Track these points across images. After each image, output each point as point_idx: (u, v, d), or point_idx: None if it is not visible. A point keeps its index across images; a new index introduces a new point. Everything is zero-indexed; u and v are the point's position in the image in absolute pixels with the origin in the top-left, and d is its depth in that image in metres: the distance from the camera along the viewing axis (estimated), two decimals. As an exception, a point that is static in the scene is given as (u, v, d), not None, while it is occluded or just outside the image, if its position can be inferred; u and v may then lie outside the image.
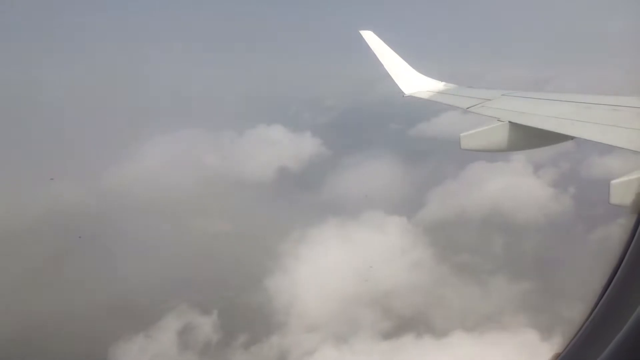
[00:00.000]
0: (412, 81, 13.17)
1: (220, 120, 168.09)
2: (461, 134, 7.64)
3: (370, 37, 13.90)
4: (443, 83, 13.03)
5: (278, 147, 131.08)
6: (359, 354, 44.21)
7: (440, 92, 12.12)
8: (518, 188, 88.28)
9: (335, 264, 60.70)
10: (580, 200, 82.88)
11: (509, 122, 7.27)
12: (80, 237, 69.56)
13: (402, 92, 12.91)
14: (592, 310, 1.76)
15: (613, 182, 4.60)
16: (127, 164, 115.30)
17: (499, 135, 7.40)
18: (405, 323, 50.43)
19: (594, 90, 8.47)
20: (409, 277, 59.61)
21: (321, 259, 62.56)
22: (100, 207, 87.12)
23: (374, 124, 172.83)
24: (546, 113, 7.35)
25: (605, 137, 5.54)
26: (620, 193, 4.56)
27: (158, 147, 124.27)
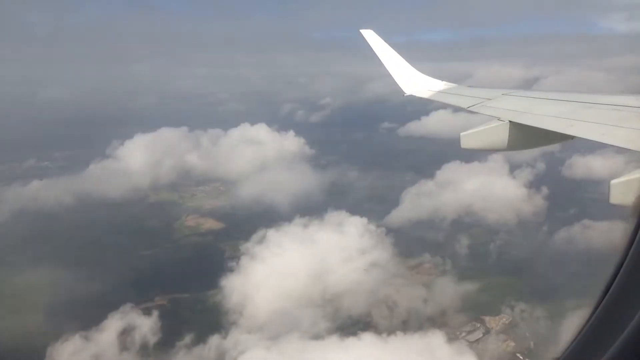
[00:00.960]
0: (413, 80, 13.21)
1: (205, 119, 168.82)
2: (461, 133, 7.69)
3: (370, 36, 13.98)
4: (443, 82, 13.09)
5: (260, 146, 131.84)
6: (291, 354, 44.73)
7: (441, 92, 12.16)
8: (492, 188, 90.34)
9: (293, 264, 61.61)
10: (553, 201, 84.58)
11: (510, 121, 7.27)
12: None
13: (403, 91, 12.90)
14: (593, 312, 1.74)
15: (613, 181, 4.56)
16: (108, 162, 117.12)
17: (499, 135, 7.44)
18: (346, 323, 52.18)
19: (579, 89, 8.54)
20: (363, 277, 60.88)
21: (279, 259, 63.23)
22: (70, 206, 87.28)
23: (363, 123, 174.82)
24: (547, 112, 7.39)
25: (606, 136, 5.57)
26: (620, 193, 4.51)
27: (138, 145, 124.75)
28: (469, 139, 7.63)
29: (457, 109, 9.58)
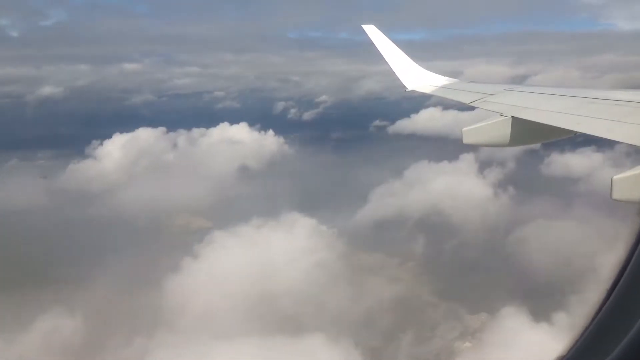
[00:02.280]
0: (415, 76, 13.26)
1: (198, 118, 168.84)
2: (463, 129, 7.75)
3: (372, 32, 14.01)
4: (445, 78, 13.19)
5: (239, 146, 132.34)
6: (210, 354, 45.19)
7: (443, 87, 12.24)
8: (457, 188, 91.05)
9: (235, 266, 62.51)
10: (518, 200, 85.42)
11: (512, 117, 7.28)
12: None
13: (405, 86, 12.92)
14: (597, 312, 1.75)
15: (615, 177, 4.67)
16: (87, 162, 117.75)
17: (501, 130, 7.47)
18: (276, 324, 52.34)
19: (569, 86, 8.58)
20: (305, 278, 61.78)
21: (222, 260, 64.10)
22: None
23: (355, 121, 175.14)
24: (549, 108, 7.41)
25: (608, 132, 5.59)
26: (622, 189, 4.62)
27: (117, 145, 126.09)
28: (471, 135, 7.67)
29: (446, 107, 9.64)
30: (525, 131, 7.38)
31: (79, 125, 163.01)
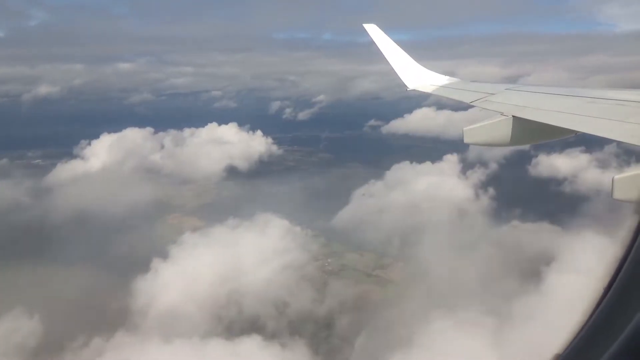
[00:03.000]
0: (416, 75, 13.30)
1: (174, 120, 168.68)
2: (464, 128, 7.80)
3: (373, 31, 14.06)
4: (447, 77, 13.25)
5: (226, 146, 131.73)
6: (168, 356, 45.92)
7: (444, 86, 12.31)
8: (438, 189, 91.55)
9: (208, 266, 63.42)
10: (498, 202, 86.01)
11: (513, 116, 7.32)
12: None
13: (406, 85, 12.96)
14: (594, 310, 1.78)
15: (616, 177, 4.67)
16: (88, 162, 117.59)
17: (503, 130, 7.51)
18: (239, 326, 53.82)
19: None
20: (271, 279, 62.72)
21: (196, 260, 64.78)
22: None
23: (350, 121, 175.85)
24: (550, 107, 7.47)
25: (610, 132, 5.62)
26: (623, 188, 4.59)
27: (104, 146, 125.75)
28: (472, 134, 7.71)
29: (440, 107, 9.74)
30: (526, 131, 7.42)
31: (76, 125, 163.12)
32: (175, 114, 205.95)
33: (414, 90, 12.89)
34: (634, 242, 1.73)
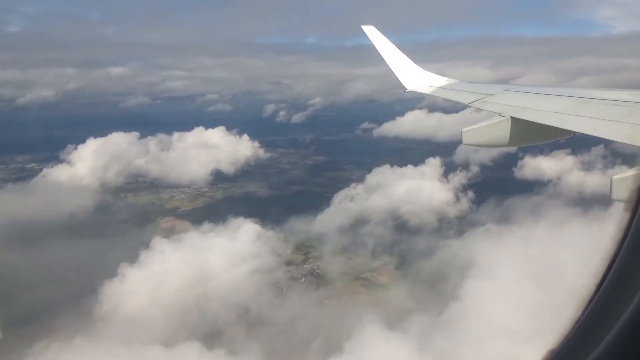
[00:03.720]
0: (414, 76, 13.43)
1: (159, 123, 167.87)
2: (463, 129, 7.93)
3: (372, 32, 14.22)
4: (445, 78, 13.43)
5: (213, 150, 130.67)
6: None
7: (442, 88, 12.46)
8: (420, 192, 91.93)
9: (176, 271, 63.75)
10: (477, 205, 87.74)
11: (511, 117, 7.44)
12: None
13: (404, 87, 13.10)
14: (587, 305, 1.86)
15: (615, 177, 4.82)
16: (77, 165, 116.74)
17: (501, 131, 7.65)
18: (200, 331, 53.78)
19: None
20: (236, 284, 63.03)
21: (165, 265, 64.87)
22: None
23: (343, 124, 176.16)
24: (548, 108, 7.61)
25: (607, 132, 5.74)
26: (622, 189, 4.72)
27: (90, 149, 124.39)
28: (471, 135, 7.84)
29: (432, 109, 9.90)
30: (524, 131, 7.56)
31: (70, 129, 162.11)
32: (172, 117, 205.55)
33: (413, 91, 13.03)
34: (624, 237, 1.81)
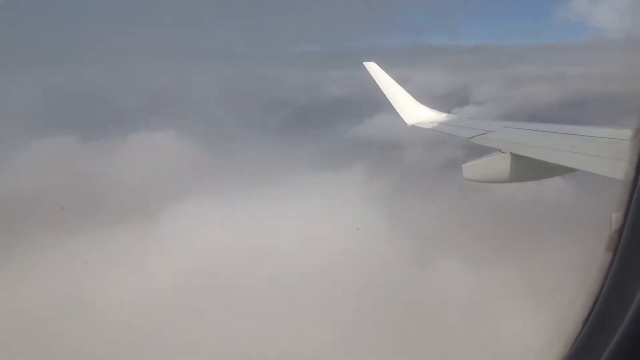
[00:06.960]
0: (414, 112, 13.86)
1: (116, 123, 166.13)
2: (463, 165, 8.07)
3: (373, 69, 14.84)
4: (445, 114, 13.89)
5: (169, 153, 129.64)
6: None
7: (442, 123, 12.78)
8: (335, 197, 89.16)
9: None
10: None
11: (511, 153, 7.62)
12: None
13: (405, 122, 13.51)
14: (591, 311, 1.88)
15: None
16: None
17: (501, 167, 7.79)
18: None
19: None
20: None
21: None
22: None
23: (316, 125, 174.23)
24: (548, 145, 7.78)
25: (610, 171, 5.88)
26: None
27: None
28: (471, 170, 7.99)
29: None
30: (524, 168, 7.71)
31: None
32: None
33: (414, 126, 13.40)
34: (618, 242, 1.87)
